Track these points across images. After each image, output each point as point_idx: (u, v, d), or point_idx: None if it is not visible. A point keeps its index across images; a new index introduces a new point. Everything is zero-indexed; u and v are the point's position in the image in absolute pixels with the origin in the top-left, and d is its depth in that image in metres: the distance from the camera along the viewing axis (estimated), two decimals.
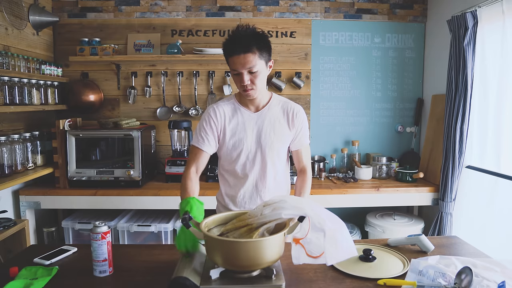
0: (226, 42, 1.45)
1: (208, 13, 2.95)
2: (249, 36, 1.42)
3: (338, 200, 2.60)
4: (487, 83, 2.27)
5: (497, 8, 2.11)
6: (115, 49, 2.81)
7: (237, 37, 1.42)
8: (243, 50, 1.40)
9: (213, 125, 1.55)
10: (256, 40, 1.42)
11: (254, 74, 1.44)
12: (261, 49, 1.44)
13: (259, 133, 1.56)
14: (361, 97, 3.08)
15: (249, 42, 1.41)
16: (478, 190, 2.33)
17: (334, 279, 1.19)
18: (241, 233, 1.14)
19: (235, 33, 1.44)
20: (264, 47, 1.45)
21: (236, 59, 1.41)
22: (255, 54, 1.42)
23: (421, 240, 1.41)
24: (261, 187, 1.60)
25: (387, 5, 3.01)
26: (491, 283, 1.09)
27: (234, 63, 1.43)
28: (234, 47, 1.41)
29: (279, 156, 1.60)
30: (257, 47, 1.42)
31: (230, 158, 1.59)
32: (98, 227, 1.22)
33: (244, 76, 1.43)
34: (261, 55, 1.44)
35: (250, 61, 1.41)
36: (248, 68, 1.42)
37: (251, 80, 1.45)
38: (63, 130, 2.50)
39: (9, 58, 2.23)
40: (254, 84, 1.46)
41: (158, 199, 2.48)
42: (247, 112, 1.57)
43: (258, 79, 1.46)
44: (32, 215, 2.51)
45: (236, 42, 1.42)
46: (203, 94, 3.01)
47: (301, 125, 1.61)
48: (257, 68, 1.43)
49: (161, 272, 1.25)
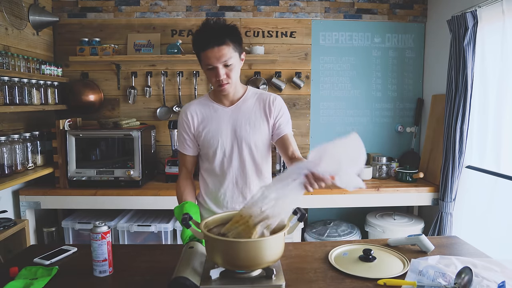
0: (197, 36, 1.39)
1: (208, 13, 2.95)
2: (221, 28, 1.38)
3: (338, 200, 2.60)
4: (487, 83, 2.27)
5: (497, 8, 2.11)
6: (115, 49, 2.81)
7: (209, 30, 1.37)
8: (217, 43, 1.35)
9: (186, 128, 1.53)
10: (228, 32, 1.38)
11: (229, 67, 1.40)
12: (235, 41, 1.40)
13: (234, 128, 1.50)
14: (361, 97, 3.08)
15: (222, 34, 1.36)
16: (478, 190, 2.33)
17: (334, 279, 1.19)
18: (239, 232, 1.12)
19: (206, 26, 1.38)
20: (237, 39, 1.41)
21: (210, 53, 1.36)
22: (230, 46, 1.37)
23: (421, 240, 1.41)
24: (242, 185, 1.54)
25: (387, 5, 3.01)
26: (491, 283, 1.09)
27: (208, 57, 1.37)
28: (208, 40, 1.35)
29: (257, 150, 1.52)
30: (230, 39, 1.37)
31: (207, 157, 1.55)
32: (98, 227, 1.22)
33: (220, 70, 1.38)
34: (235, 47, 1.40)
35: (225, 53, 1.36)
36: (223, 62, 1.37)
37: (226, 74, 1.40)
38: (63, 130, 2.50)
39: (9, 58, 2.23)
40: (230, 78, 1.42)
41: (158, 199, 2.48)
42: (220, 107, 1.52)
43: (233, 72, 1.42)
44: (32, 215, 2.51)
45: (209, 35, 1.36)
46: (203, 94, 2.99)
47: (279, 112, 1.53)
48: (232, 61, 1.39)
49: (161, 272, 1.25)
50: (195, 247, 1.26)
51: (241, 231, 1.11)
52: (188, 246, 1.26)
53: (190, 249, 1.25)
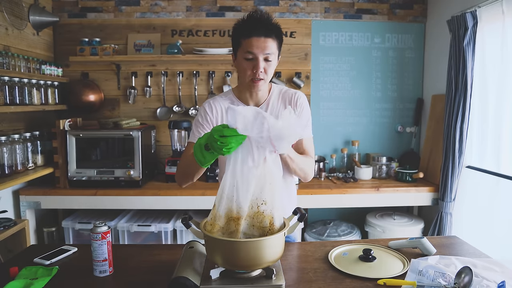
0: (242, 23, 1.32)
1: (208, 13, 2.95)
2: (271, 22, 1.32)
3: (338, 200, 2.60)
4: (487, 83, 2.27)
5: (497, 8, 2.11)
6: (115, 49, 2.81)
7: (260, 19, 1.30)
8: (265, 33, 1.28)
9: (209, 120, 1.44)
10: (276, 29, 1.33)
11: (268, 63, 1.33)
12: (279, 39, 1.35)
13: None
14: (361, 97, 3.08)
15: (272, 28, 1.31)
16: (478, 190, 2.33)
17: (334, 279, 1.19)
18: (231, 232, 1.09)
19: (255, 15, 1.31)
20: (281, 40, 1.37)
21: (256, 41, 1.28)
22: (275, 42, 1.32)
23: (423, 243, 1.38)
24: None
25: (387, 5, 3.01)
26: (491, 283, 1.09)
27: (252, 45, 1.28)
28: (256, 27, 1.28)
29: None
30: (276, 36, 1.32)
31: (223, 159, 1.49)
32: (98, 227, 1.22)
33: (260, 62, 1.31)
34: (278, 46, 1.35)
35: (270, 46, 1.30)
36: (266, 54, 1.30)
37: (264, 69, 1.33)
38: (63, 130, 2.50)
39: (9, 58, 2.23)
40: (267, 74, 1.35)
41: (158, 199, 2.48)
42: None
43: (270, 69, 1.35)
44: (32, 215, 2.51)
45: (259, 23, 1.29)
46: (203, 94, 3.01)
47: (300, 113, 1.45)
48: (272, 58, 1.33)
49: (161, 272, 1.25)
50: (195, 247, 1.26)
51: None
52: (188, 246, 1.26)
53: (190, 249, 1.25)
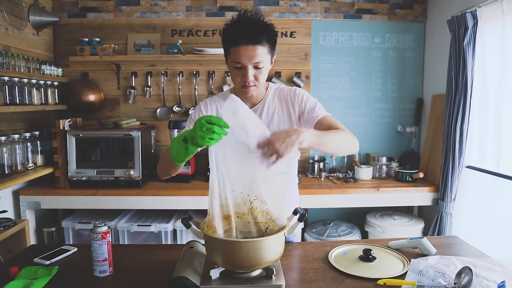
0: (230, 28, 1.25)
1: (208, 13, 2.95)
2: (260, 25, 1.23)
3: (338, 200, 2.60)
4: (487, 83, 2.27)
5: (497, 8, 2.11)
6: (115, 49, 2.81)
7: (247, 24, 1.22)
8: (253, 41, 1.21)
9: None
10: (266, 31, 1.24)
11: (259, 70, 1.27)
12: (271, 42, 1.27)
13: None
14: (361, 97, 3.08)
15: (260, 32, 1.22)
16: (478, 190, 2.33)
17: (334, 279, 1.19)
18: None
19: (243, 19, 1.23)
20: (273, 40, 1.28)
21: (243, 50, 1.22)
22: (265, 47, 1.24)
23: (423, 243, 1.38)
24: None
25: (387, 5, 3.01)
26: (491, 283, 1.09)
27: (239, 54, 1.23)
28: (242, 36, 1.21)
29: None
30: (266, 40, 1.24)
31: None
32: (98, 227, 1.22)
33: (249, 71, 1.25)
34: (270, 49, 1.27)
35: (258, 54, 1.23)
36: (254, 63, 1.24)
37: (255, 76, 1.27)
38: (63, 130, 2.50)
39: (9, 58, 2.23)
40: (257, 81, 1.29)
41: (158, 199, 2.48)
42: None
43: (262, 76, 1.29)
44: (32, 215, 2.51)
45: (246, 30, 1.22)
46: (203, 94, 3.01)
47: (302, 101, 1.41)
48: (263, 64, 1.26)
49: (161, 272, 1.25)
50: (195, 247, 1.26)
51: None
52: (188, 246, 1.26)
53: (190, 249, 1.25)
